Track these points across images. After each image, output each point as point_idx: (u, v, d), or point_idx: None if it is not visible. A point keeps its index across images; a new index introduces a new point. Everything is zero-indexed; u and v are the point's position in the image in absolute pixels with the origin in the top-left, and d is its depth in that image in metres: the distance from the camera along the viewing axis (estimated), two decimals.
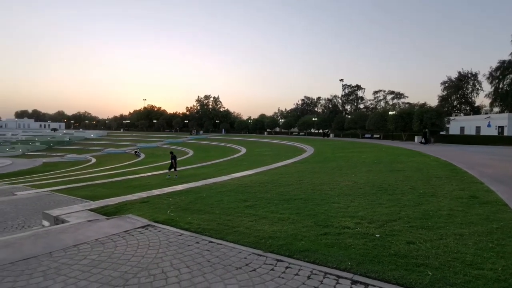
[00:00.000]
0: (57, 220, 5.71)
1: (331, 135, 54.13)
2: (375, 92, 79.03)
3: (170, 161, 15.43)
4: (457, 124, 46.91)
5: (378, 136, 45.55)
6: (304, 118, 66.51)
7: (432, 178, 9.15)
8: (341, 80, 65.93)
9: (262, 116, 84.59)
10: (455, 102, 66.21)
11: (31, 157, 52.38)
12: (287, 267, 3.32)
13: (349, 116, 57.33)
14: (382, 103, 78.70)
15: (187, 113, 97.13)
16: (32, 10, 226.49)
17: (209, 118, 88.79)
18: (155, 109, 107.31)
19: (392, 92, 77.20)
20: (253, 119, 79.66)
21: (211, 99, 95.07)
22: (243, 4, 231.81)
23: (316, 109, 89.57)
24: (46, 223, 6.01)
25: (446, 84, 64.64)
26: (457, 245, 3.82)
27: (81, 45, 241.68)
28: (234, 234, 4.45)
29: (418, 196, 6.71)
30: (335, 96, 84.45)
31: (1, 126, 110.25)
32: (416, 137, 34.72)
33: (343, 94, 78.06)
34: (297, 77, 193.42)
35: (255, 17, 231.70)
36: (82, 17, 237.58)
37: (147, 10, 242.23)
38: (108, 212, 6.02)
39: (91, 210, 6.24)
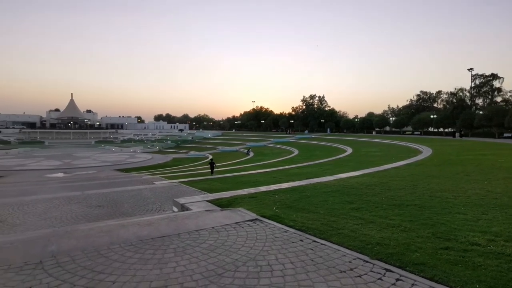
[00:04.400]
0: (183, 207, 6.75)
1: (457, 134, 46.08)
2: None
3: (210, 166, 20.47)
4: None
5: None
6: (419, 116, 58.88)
7: None
8: (470, 69, 55.49)
9: (370, 114, 79.04)
10: None
11: (165, 153, 63.07)
12: (397, 279, 3.05)
13: (480, 112, 47.85)
14: None
15: (293, 113, 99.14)
16: (164, 29, 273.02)
17: (314, 117, 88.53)
18: (263, 110, 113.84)
19: None
20: (360, 117, 75.31)
21: (316, 98, 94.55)
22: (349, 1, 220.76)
23: (435, 105, 77.25)
24: (175, 209, 7.18)
25: None
26: None
27: (203, 55, 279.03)
28: (339, 236, 4.35)
29: None
30: (461, 89, 69.46)
31: (145, 128, 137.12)
32: None
33: (472, 86, 64.40)
34: (412, 71, 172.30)
35: (361, 12, 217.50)
36: (202, 30, 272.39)
37: (255, 21, 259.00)
38: (222, 204, 6.74)
39: (208, 201, 7.10)
